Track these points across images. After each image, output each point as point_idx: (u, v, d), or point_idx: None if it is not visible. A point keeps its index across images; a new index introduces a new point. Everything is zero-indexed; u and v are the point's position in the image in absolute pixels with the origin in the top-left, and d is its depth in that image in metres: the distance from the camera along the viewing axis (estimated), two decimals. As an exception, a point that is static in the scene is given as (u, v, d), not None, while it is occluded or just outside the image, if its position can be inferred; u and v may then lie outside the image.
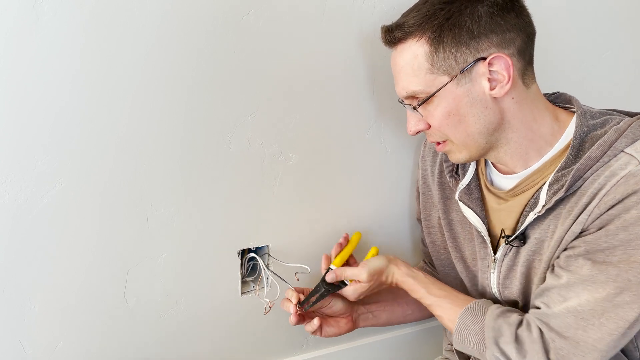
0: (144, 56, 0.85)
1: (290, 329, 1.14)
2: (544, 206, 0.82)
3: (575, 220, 0.79)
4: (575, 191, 0.80)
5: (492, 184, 0.94)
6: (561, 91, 0.93)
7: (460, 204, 0.95)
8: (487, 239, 0.92)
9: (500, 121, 0.84)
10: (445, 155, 0.97)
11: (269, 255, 1.06)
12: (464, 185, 0.95)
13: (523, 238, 0.86)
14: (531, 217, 0.84)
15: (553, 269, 0.83)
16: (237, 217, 1.00)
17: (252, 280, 1.09)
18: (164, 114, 0.89)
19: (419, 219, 1.10)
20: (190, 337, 1.07)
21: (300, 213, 1.05)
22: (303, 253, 1.08)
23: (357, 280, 0.94)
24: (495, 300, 0.93)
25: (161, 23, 0.84)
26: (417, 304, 0.97)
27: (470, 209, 0.93)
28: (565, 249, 0.81)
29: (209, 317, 1.06)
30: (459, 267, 1.00)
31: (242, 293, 1.07)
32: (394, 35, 0.84)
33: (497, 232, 0.92)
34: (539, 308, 0.83)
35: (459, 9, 0.80)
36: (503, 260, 0.89)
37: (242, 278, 1.06)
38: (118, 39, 0.82)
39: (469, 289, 0.99)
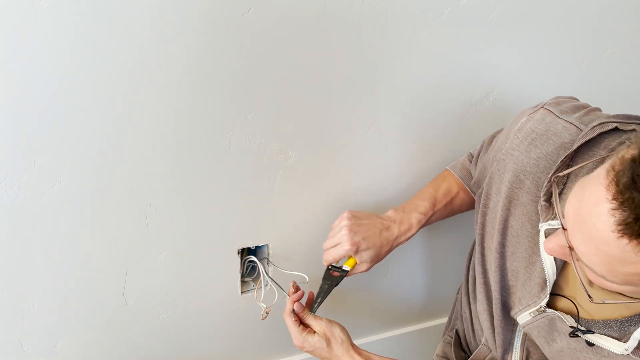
0: (143, 55, 0.84)
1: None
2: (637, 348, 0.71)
3: None
4: None
5: None
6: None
7: (542, 238, 0.78)
8: (549, 290, 0.79)
9: None
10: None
11: (268, 259, 1.05)
12: (558, 225, 0.73)
13: (591, 343, 0.76)
14: (618, 349, 0.73)
15: None
16: (236, 215, 1.00)
17: (251, 280, 1.08)
18: (164, 113, 0.89)
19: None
20: (190, 336, 1.07)
21: (300, 212, 1.05)
22: (303, 252, 1.08)
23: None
24: (512, 322, 0.88)
25: (160, 22, 0.84)
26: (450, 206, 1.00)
27: None
28: None
29: (208, 316, 1.06)
30: (493, 277, 0.88)
31: (241, 292, 1.06)
32: None
33: (563, 283, 0.80)
34: None
35: None
36: (547, 317, 0.81)
37: (241, 277, 1.06)
38: (117, 37, 0.82)
39: (492, 282, 0.88)
